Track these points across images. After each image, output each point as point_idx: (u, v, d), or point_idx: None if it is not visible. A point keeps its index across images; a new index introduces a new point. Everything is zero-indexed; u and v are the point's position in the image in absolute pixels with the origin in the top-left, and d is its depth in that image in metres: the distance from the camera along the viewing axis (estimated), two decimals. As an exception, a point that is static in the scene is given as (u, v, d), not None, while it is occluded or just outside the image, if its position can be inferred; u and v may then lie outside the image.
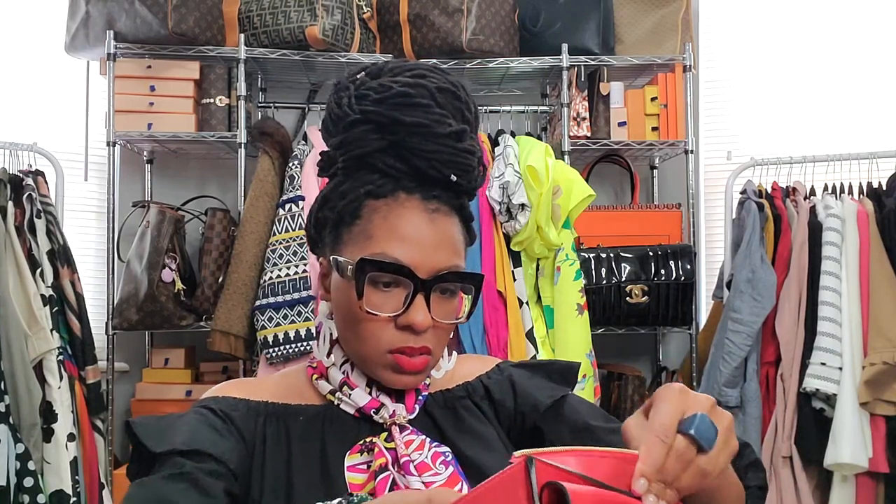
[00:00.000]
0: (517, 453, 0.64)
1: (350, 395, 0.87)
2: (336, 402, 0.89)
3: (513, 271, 2.46)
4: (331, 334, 0.92)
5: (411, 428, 0.87)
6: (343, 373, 0.89)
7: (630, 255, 2.65)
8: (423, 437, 0.87)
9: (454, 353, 0.97)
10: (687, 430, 0.63)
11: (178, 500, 0.72)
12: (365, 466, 0.83)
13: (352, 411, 0.88)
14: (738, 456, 0.82)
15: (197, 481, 0.74)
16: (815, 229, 2.49)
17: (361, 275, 0.83)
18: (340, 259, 0.86)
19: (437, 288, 0.84)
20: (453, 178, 0.86)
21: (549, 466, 0.60)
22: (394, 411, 0.87)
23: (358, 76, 0.89)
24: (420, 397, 0.90)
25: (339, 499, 0.71)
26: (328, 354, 0.91)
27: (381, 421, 0.86)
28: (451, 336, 0.92)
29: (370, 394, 0.88)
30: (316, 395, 0.90)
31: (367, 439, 0.85)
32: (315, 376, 0.91)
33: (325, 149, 0.92)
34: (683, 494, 0.63)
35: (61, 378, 2.33)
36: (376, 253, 0.83)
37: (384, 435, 0.85)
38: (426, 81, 0.86)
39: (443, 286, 0.85)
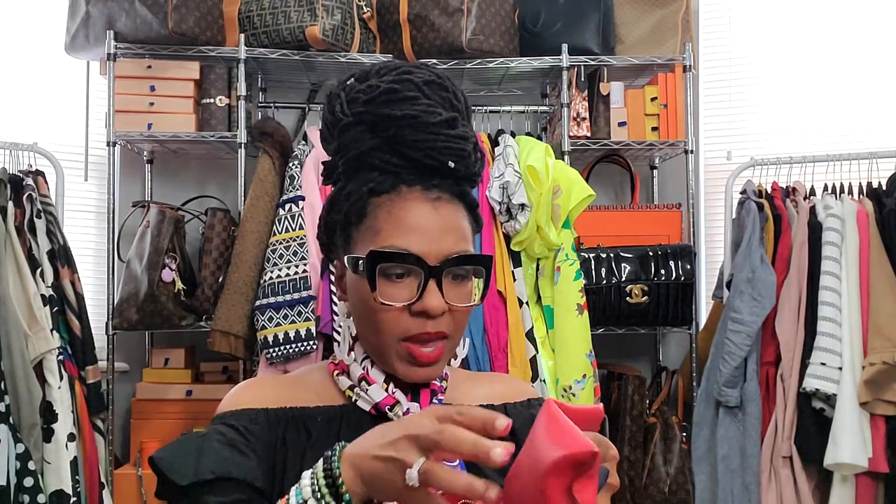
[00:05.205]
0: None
1: (367, 390, 0.90)
2: (354, 399, 0.91)
3: (513, 271, 2.46)
4: (350, 333, 0.94)
5: None
6: (363, 368, 0.91)
7: (630, 255, 2.65)
8: None
9: (467, 339, 0.99)
10: None
11: None
12: None
13: (368, 408, 0.90)
14: None
15: None
16: (815, 229, 2.48)
17: (372, 267, 0.85)
18: (352, 256, 0.89)
19: (448, 273, 0.86)
20: (451, 164, 0.88)
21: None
22: (408, 409, 0.88)
23: (347, 82, 0.92)
24: (435, 400, 0.91)
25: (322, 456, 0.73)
26: (349, 352, 0.93)
27: (395, 419, 0.87)
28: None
29: (387, 390, 0.90)
30: (336, 393, 0.92)
31: None
32: (336, 372, 0.93)
33: (327, 158, 0.96)
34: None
35: (61, 378, 2.33)
36: (385, 245, 0.85)
37: None
38: (412, 77, 0.89)
39: (454, 271, 0.87)
